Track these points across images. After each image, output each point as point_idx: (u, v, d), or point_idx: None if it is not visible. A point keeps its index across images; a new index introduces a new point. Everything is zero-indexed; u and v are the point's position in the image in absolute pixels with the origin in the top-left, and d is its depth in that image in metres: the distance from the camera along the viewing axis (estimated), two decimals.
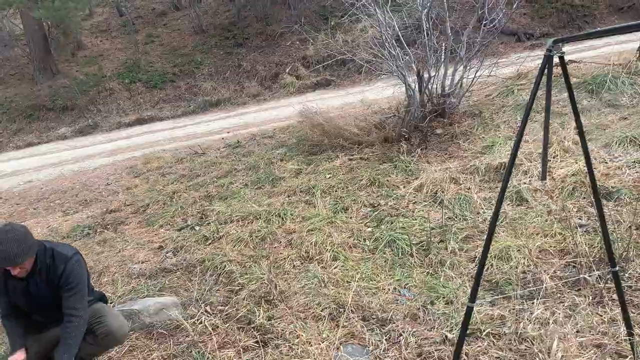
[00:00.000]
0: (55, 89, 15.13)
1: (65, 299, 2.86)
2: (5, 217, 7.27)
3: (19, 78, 16.45)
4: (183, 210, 5.85)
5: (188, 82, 15.17)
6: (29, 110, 14.59)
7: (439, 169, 5.15)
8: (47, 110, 14.60)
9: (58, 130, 13.75)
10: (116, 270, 4.62)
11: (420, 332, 3.00)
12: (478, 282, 2.00)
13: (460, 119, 6.32)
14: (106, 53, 17.02)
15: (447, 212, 4.46)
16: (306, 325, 3.20)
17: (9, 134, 14.03)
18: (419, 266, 3.81)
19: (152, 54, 16.58)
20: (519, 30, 14.09)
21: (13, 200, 8.11)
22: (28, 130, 14.13)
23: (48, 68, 15.85)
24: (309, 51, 14.76)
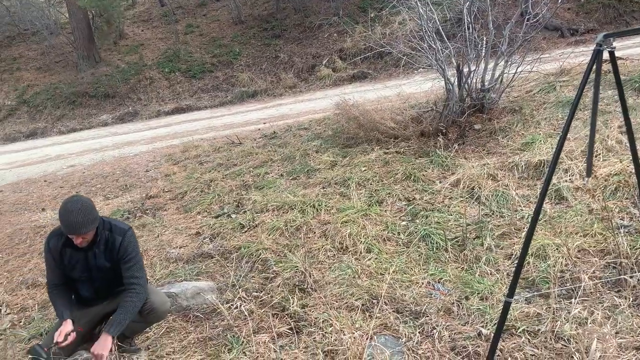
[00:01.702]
0: (98, 77, 15.55)
1: (126, 270, 3.00)
2: (50, 199, 7.55)
3: (64, 65, 16.95)
4: (220, 198, 5.95)
5: (226, 72, 15.36)
6: (73, 97, 15.05)
7: (476, 164, 5.10)
8: (90, 97, 15.03)
9: (99, 117, 14.14)
10: (155, 254, 4.76)
11: (454, 327, 3.00)
12: (517, 277, 1.99)
13: (499, 115, 6.22)
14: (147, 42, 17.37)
15: (484, 209, 4.42)
16: (339, 315, 3.23)
17: (53, 120, 14.52)
18: (453, 261, 3.80)
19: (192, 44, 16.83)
20: (563, 26, 13.72)
21: (57, 183, 8.40)
22: (71, 116, 14.58)
23: (91, 56, 16.29)
24: (347, 43, 14.74)
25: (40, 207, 7.22)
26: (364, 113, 6.77)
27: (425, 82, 6.98)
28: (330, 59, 14.70)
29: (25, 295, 4.61)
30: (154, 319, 3.18)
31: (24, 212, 7.16)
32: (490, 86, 6.19)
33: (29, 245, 5.82)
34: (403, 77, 11.32)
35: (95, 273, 3.06)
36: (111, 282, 3.06)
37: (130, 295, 2.97)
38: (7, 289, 4.76)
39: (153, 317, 3.14)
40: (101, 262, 3.03)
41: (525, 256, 2.00)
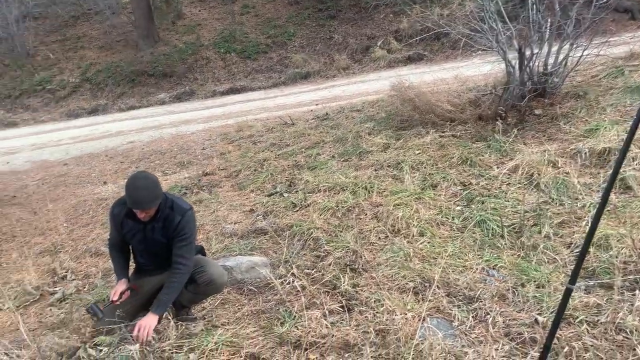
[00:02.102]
0: (156, 56, 15.96)
1: (177, 248, 3.09)
2: (111, 173, 7.87)
3: (124, 44, 17.48)
4: (273, 177, 6.04)
5: (280, 53, 15.44)
6: (132, 75, 15.53)
7: (536, 150, 4.94)
8: (148, 76, 15.47)
9: (157, 96, 14.55)
10: (211, 228, 4.89)
11: (509, 313, 2.95)
12: (580, 263, 1.93)
13: (562, 100, 5.98)
14: (204, 22, 17.65)
15: (543, 196, 4.29)
16: (391, 296, 3.24)
17: (113, 97, 15.05)
18: (509, 248, 3.72)
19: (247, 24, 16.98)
20: (634, 7, 12.96)
21: (117, 159, 8.74)
22: (130, 94, 15.07)
23: (150, 36, 16.71)
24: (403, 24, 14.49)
25: (102, 181, 7.54)
26: (420, 95, 6.66)
27: (484, 64, 6.78)
28: (385, 40, 14.50)
29: (89, 263, 4.86)
30: (212, 290, 3.28)
31: (87, 185, 7.50)
32: (553, 70, 5.95)
33: (92, 216, 6.11)
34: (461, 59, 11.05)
35: (151, 246, 3.18)
36: (165, 256, 3.17)
37: (174, 276, 3.07)
38: (72, 257, 5.03)
39: (211, 288, 3.25)
40: (157, 237, 3.14)
41: (589, 243, 1.94)
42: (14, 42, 17.74)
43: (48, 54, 17.71)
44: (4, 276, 4.90)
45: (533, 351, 2.58)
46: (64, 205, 6.68)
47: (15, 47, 17.76)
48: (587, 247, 1.95)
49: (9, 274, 4.92)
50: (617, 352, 2.49)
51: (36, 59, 17.63)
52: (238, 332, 3.14)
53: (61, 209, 6.52)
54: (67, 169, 8.72)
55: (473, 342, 2.75)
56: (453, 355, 2.63)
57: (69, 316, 3.75)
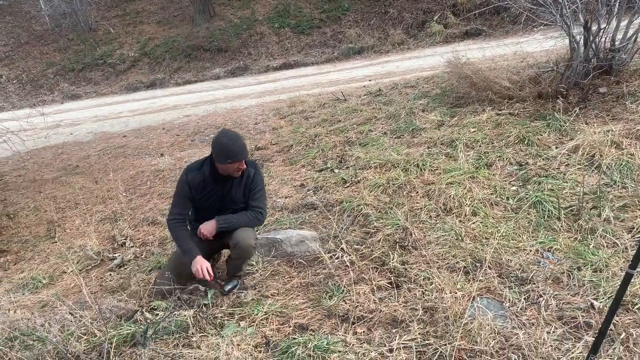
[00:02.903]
0: (212, 31, 16.17)
1: (254, 200, 3.33)
2: (168, 145, 8.11)
3: (181, 19, 17.80)
4: (324, 153, 6.06)
5: (334, 28, 15.31)
6: (189, 50, 15.83)
7: (599, 130, 4.72)
8: (204, 50, 15.72)
9: (212, 70, 14.78)
10: None
11: (563, 296, 2.88)
12: None
13: (629, 78, 5.66)
14: None
15: (604, 178, 4.11)
16: (440, 274, 3.22)
17: (170, 72, 15.40)
18: (566, 231, 3.61)
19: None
20: None
21: (174, 132, 8.98)
22: (187, 68, 15.37)
23: (207, 10, 16.92)
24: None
25: (159, 153, 7.78)
26: (477, 72, 6.47)
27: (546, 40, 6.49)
28: (442, 15, 14.10)
29: (146, 231, 5.06)
30: (240, 253, 3.34)
31: (145, 157, 7.77)
32: (621, 46, 5.62)
33: (149, 187, 6.33)
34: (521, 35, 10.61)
35: (229, 204, 3.33)
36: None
37: (251, 213, 3.32)
38: (130, 225, 5.25)
39: (238, 251, 3.32)
40: (237, 195, 3.31)
41: None
42: (77, 17, 18.39)
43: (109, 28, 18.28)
44: (67, 241, 5.19)
45: (587, 336, 2.52)
46: (123, 176, 6.96)
47: (79, 22, 18.41)
48: None
49: (72, 240, 5.20)
50: None
51: (98, 33, 18.23)
52: (287, 303, 3.22)
53: (120, 179, 6.79)
54: (126, 140, 9.05)
55: (524, 324, 2.71)
56: (503, 336, 2.60)
57: (127, 281, 3.95)
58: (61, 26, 18.69)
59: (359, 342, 2.71)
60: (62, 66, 16.81)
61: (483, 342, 2.53)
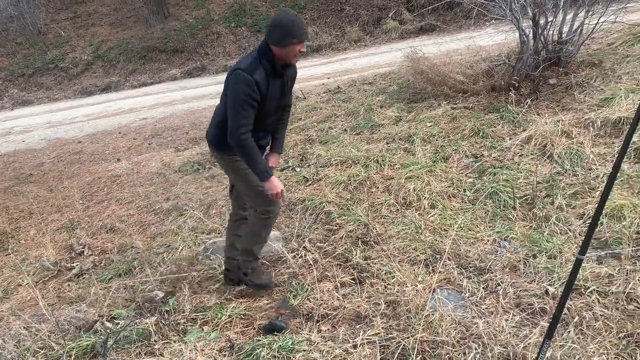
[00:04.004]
0: (167, 32, 15.89)
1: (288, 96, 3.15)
2: (124, 150, 7.94)
3: (135, 21, 17.42)
4: (284, 152, 6.04)
5: None
6: (144, 52, 15.51)
7: (550, 121, 4.87)
8: (160, 52, 15.43)
9: (169, 72, 14.53)
10: (224, 204, 4.94)
11: (520, 284, 2.96)
12: (591, 234, 1.92)
13: (577, 69, 5.86)
14: None
15: (556, 167, 4.25)
16: (402, 268, 3.27)
17: (125, 74, 15.06)
18: (521, 220, 3.71)
19: None
20: None
21: (130, 136, 8.80)
22: (142, 70, 15.06)
23: (161, 11, 16.62)
24: None
25: (116, 158, 7.61)
26: (432, 66, 6.58)
27: (497, 34, 6.66)
28: (397, 11, 14.25)
29: (105, 238, 4.95)
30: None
31: (101, 162, 7.58)
32: (568, 38, 5.81)
33: (107, 193, 6.19)
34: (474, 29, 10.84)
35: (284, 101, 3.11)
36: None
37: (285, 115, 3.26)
38: (88, 233, 5.12)
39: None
40: (287, 89, 3.07)
41: (600, 213, 1.93)
42: (25, 21, 17.76)
43: (59, 31, 17.72)
44: (22, 252, 5.02)
45: (543, 321, 2.60)
46: (79, 183, 6.78)
47: (27, 25, 17.78)
48: (598, 217, 1.94)
49: (27, 251, 5.04)
50: (628, 321, 2.49)
51: (48, 37, 17.66)
52: (251, 305, 3.20)
53: (76, 186, 6.61)
54: (82, 146, 8.81)
55: (483, 313, 2.77)
56: (463, 326, 2.65)
57: (87, 290, 3.85)
58: (8, 30, 18.01)
59: (324, 340, 2.72)
60: (11, 71, 16.22)
61: (444, 333, 2.58)
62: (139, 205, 5.54)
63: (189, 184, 5.75)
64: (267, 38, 2.83)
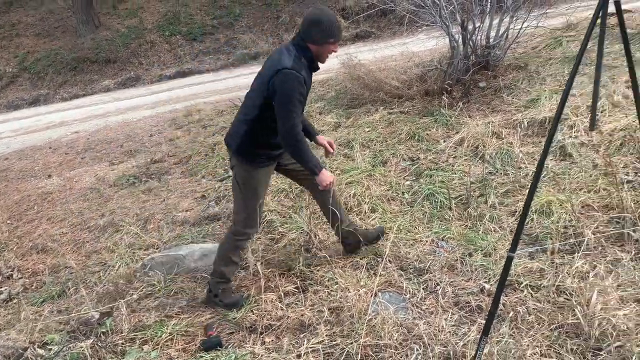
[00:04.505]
0: (98, 42, 15.36)
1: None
2: (56, 165, 7.59)
3: (63, 31, 16.73)
4: (224, 161, 5.96)
5: (227, 34, 15.13)
6: (74, 63, 14.90)
7: (481, 123, 5.06)
8: (91, 62, 14.88)
9: (101, 83, 14.03)
10: (161, 217, 4.81)
11: (458, 283, 3.04)
12: (520, 232, 2.00)
13: (504, 72, 6.13)
14: (146, 5, 17.06)
15: (488, 167, 4.42)
16: (345, 273, 3.28)
17: (55, 86, 14.42)
18: (457, 219, 3.82)
19: (192, 5, 16.51)
20: None
21: (62, 150, 8.42)
22: (73, 82, 14.47)
23: (90, 21, 16.04)
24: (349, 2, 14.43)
25: (46, 174, 7.26)
26: (368, 73, 6.69)
27: (429, 40, 6.85)
28: None
29: (36, 260, 4.70)
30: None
31: (31, 179, 7.21)
32: (495, 43, 6.07)
33: (37, 212, 5.89)
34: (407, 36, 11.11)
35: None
36: None
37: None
38: (17, 254, 4.85)
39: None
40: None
41: (527, 211, 2.01)
42: None
43: None
44: None
45: (480, 319, 2.68)
46: (6, 202, 6.41)
47: None
48: (525, 216, 2.02)
49: None
50: (559, 313, 2.61)
51: None
52: (193, 321, 3.12)
53: (3, 205, 6.25)
54: (9, 163, 8.34)
55: (424, 313, 2.83)
56: (405, 327, 2.70)
57: (16, 316, 3.64)
58: None
59: (268, 352, 2.69)
60: None
61: (387, 336, 2.61)
62: (72, 222, 5.30)
63: (125, 198, 5.56)
64: (304, 35, 2.81)
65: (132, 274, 3.87)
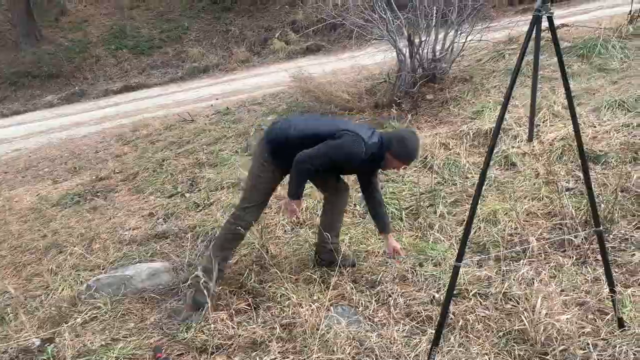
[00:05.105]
0: (40, 56, 14.85)
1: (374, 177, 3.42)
2: None
3: (2, 44, 16.10)
4: (173, 177, 5.85)
5: (175, 48, 14.94)
6: (14, 77, 14.35)
7: (429, 134, 5.16)
8: (33, 77, 14.36)
9: (44, 98, 13.54)
10: (107, 237, 4.64)
11: (409, 293, 3.06)
12: (465, 242, 2.03)
13: (450, 85, 6.30)
14: (91, 19, 16.66)
15: (437, 177, 4.50)
16: (297, 288, 3.25)
17: None
18: (408, 230, 3.86)
19: (139, 19, 16.26)
20: None
21: (0, 169, 8.04)
22: (13, 98, 13.91)
23: (32, 34, 15.52)
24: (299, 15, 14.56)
25: None
26: (319, 86, 6.73)
27: (377, 53, 6.96)
28: (282, 32, 14.48)
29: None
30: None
31: None
32: (441, 56, 6.24)
33: None
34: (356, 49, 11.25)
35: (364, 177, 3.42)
36: None
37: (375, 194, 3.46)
38: None
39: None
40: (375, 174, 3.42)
41: (471, 221, 2.04)
42: None
43: None
44: None
45: (431, 328, 2.70)
46: None
47: None
48: (470, 226, 2.06)
49: None
50: (506, 320, 2.66)
51: None
52: (141, 343, 3.01)
53: None
54: None
55: (376, 326, 2.83)
56: (357, 340, 2.68)
57: None
58: None
59: None
60: None
61: (339, 351, 2.58)
62: (12, 245, 5.04)
63: (69, 217, 5.34)
64: (389, 144, 3.06)
65: (77, 296, 3.69)
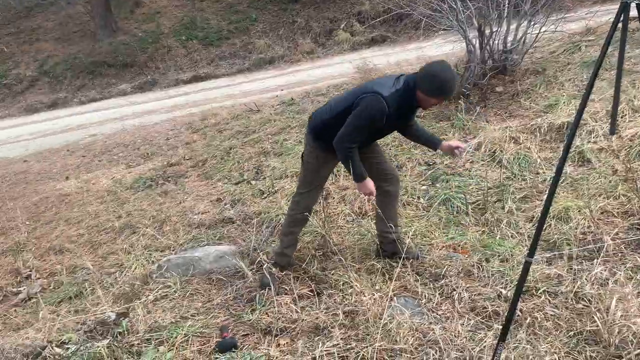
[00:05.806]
0: (116, 46, 15.55)
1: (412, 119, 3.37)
2: (73, 168, 7.70)
3: (82, 35, 16.96)
4: (239, 165, 6.00)
5: (243, 39, 15.22)
6: (91, 67, 15.10)
7: (498, 127, 5.02)
8: (108, 66, 15.06)
9: (119, 86, 14.19)
10: (178, 220, 4.84)
11: (474, 288, 3.01)
12: (538, 237, 1.97)
13: (522, 77, 6.08)
14: (163, 10, 17.24)
15: (506, 172, 4.37)
16: (359, 277, 3.27)
17: (73, 90, 14.62)
18: (474, 225, 3.79)
19: (208, 10, 16.67)
20: None
21: (79, 153, 8.53)
22: (90, 86, 14.66)
23: (109, 25, 16.26)
24: (365, 6, 14.45)
25: (64, 176, 7.36)
26: None
27: (446, 44, 6.83)
28: (348, 23, 14.43)
29: (54, 260, 4.76)
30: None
31: (49, 181, 7.31)
32: (512, 47, 6.04)
33: (55, 213, 5.96)
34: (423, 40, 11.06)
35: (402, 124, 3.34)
36: None
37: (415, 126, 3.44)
38: (36, 255, 4.92)
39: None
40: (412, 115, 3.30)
41: (546, 216, 1.98)
42: None
43: (2, 47, 17.07)
44: None
45: (497, 324, 2.65)
46: (25, 203, 6.51)
47: None
48: (544, 220, 2.00)
49: None
50: (577, 320, 2.57)
51: None
52: (208, 323, 3.13)
53: (22, 206, 6.34)
54: (27, 165, 8.48)
55: (440, 319, 2.81)
56: (420, 332, 2.67)
57: (34, 315, 3.68)
58: None
59: (282, 354, 2.69)
60: None
61: (402, 341, 2.59)
62: (89, 224, 5.36)
63: (141, 200, 5.61)
64: (418, 81, 2.91)
65: (148, 275, 3.89)
